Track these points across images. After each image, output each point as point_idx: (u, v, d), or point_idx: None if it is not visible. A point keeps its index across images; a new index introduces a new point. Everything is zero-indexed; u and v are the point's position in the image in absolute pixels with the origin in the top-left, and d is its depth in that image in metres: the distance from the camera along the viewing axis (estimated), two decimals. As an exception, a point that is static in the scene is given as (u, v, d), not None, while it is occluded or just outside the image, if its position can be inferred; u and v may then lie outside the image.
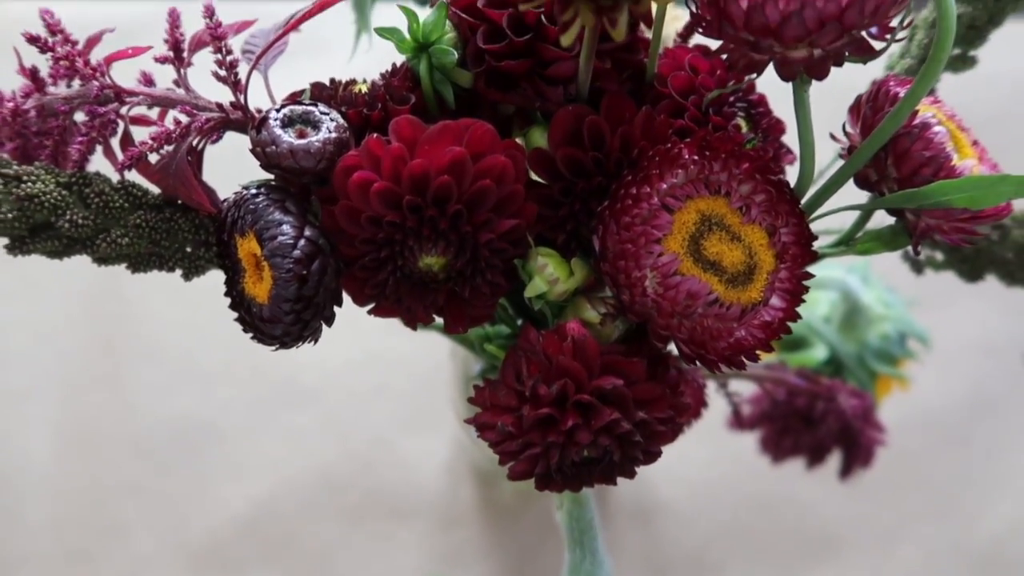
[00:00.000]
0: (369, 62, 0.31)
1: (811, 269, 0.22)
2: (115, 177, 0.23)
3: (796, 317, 0.22)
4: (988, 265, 0.27)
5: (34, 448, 0.54)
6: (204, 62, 0.25)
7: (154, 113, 0.25)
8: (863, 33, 0.18)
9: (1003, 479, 0.55)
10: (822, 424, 0.35)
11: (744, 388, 0.38)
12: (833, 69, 0.18)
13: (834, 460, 0.38)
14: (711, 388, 0.33)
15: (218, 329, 0.57)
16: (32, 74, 0.22)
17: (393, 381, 0.57)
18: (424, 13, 0.22)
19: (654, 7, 0.17)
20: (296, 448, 0.54)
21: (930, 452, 0.55)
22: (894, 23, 0.18)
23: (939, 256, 0.28)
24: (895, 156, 0.20)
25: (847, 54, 0.17)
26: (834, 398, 0.34)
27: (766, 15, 0.17)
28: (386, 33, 0.22)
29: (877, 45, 0.18)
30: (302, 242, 0.20)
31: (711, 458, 0.52)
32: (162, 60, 0.23)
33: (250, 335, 0.22)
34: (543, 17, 0.20)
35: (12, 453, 0.54)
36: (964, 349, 0.59)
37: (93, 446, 0.54)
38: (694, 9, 0.18)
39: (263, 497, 0.53)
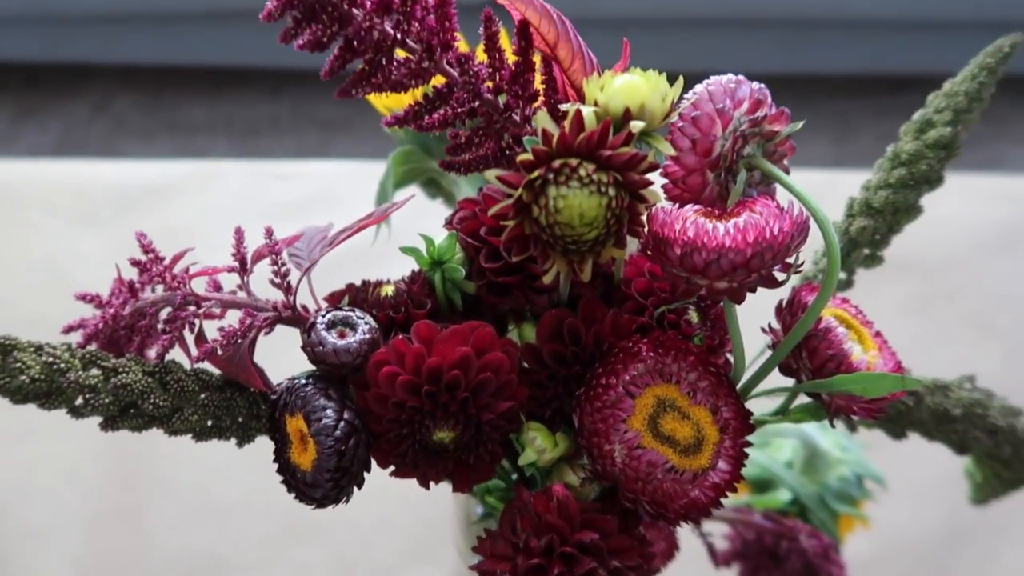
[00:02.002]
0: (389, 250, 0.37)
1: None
2: (173, 360, 0.29)
3: (740, 478, 0.27)
4: (909, 425, 0.32)
5: (58, 584, 0.57)
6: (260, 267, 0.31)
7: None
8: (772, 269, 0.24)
9: (978, 608, 0.58)
10: (787, 562, 0.39)
11: (718, 528, 0.43)
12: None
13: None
14: (687, 528, 0.37)
15: (232, 467, 0.62)
16: (130, 286, 0.28)
17: (397, 516, 0.61)
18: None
19: (615, 253, 0.23)
20: (305, 582, 0.57)
21: (908, 584, 0.58)
22: (793, 261, 0.24)
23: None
24: (807, 352, 0.26)
25: (758, 286, 0.23)
26: (796, 538, 0.39)
27: (694, 260, 0.23)
28: (409, 251, 0.28)
29: (781, 277, 0.24)
30: (342, 423, 0.25)
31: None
32: (230, 270, 0.29)
33: (293, 495, 0.27)
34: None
35: (37, 589, 0.57)
36: (937, 480, 0.63)
37: (114, 582, 0.58)
38: (647, 252, 0.24)
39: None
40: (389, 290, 0.29)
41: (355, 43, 0.21)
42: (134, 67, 1.41)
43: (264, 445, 0.59)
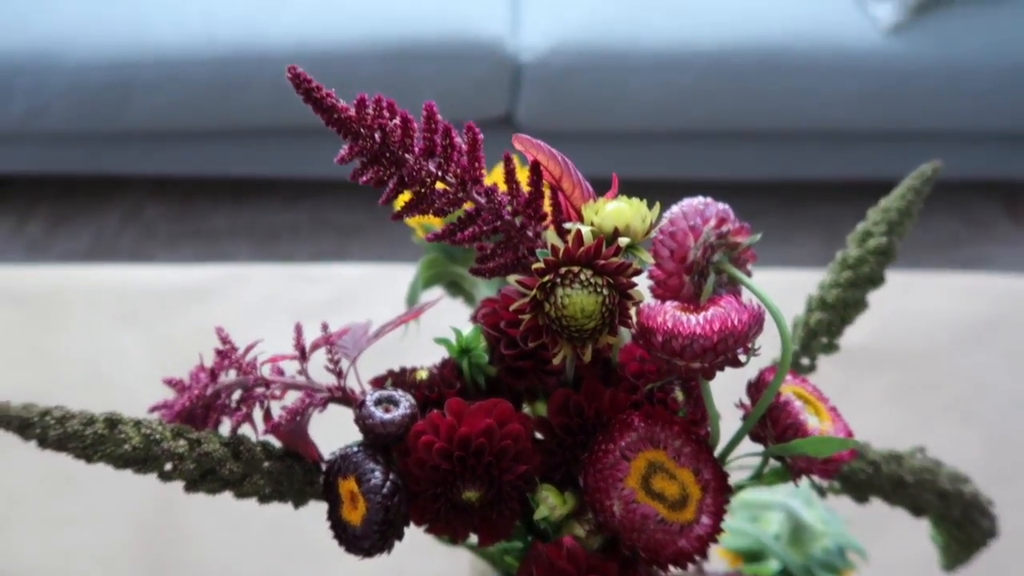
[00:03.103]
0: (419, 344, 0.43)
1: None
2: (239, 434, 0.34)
3: (721, 531, 0.32)
4: (870, 491, 0.37)
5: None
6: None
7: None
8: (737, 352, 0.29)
9: None
10: (776, 624, 0.43)
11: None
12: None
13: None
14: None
15: (258, 549, 0.66)
16: (212, 373, 0.34)
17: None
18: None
19: (612, 340, 0.29)
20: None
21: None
22: (752, 346, 0.30)
23: (836, 484, 0.38)
24: (771, 421, 0.32)
25: (725, 366, 0.29)
26: (783, 601, 0.43)
27: (673, 346, 0.29)
28: (442, 341, 0.34)
29: (743, 358, 0.30)
30: (388, 483, 0.31)
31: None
32: (291, 358, 0.35)
33: (344, 548, 0.32)
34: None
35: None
36: (916, 555, 0.67)
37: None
38: (636, 340, 0.30)
39: None
40: (423, 374, 0.35)
41: (406, 179, 0.28)
42: (164, 178, 1.51)
43: (291, 530, 0.64)
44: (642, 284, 0.31)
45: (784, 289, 0.80)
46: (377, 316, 0.79)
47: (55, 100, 1.15)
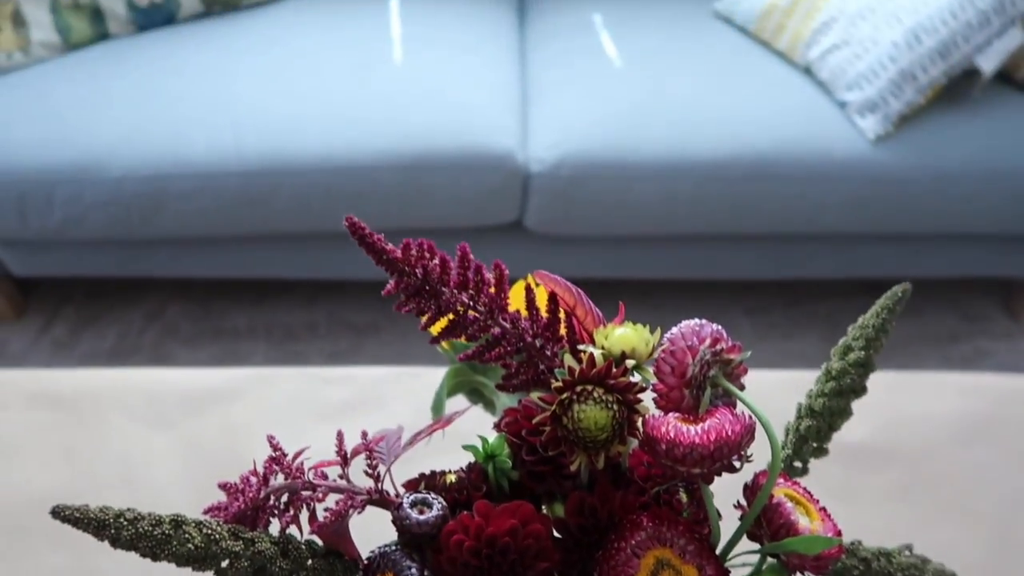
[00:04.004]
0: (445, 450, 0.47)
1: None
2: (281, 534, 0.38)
3: (724, 622, 0.35)
4: (863, 587, 0.40)
5: None
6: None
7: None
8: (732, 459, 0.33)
9: None
10: None
11: None
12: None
13: None
14: None
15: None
16: (264, 477, 0.38)
17: None
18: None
19: (621, 449, 0.33)
20: None
21: None
22: (745, 453, 0.34)
23: (832, 580, 0.41)
24: (766, 521, 0.35)
25: (722, 472, 0.33)
26: None
27: (675, 454, 0.33)
28: (470, 448, 0.38)
29: (737, 465, 0.34)
30: (423, 578, 0.34)
31: None
32: (334, 464, 0.39)
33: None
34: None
35: None
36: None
37: None
38: (643, 447, 0.34)
39: None
40: (452, 477, 0.39)
41: (443, 309, 0.33)
42: (187, 280, 1.58)
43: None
44: (647, 397, 0.35)
45: (784, 388, 0.84)
46: (397, 416, 0.83)
47: (92, 209, 1.22)
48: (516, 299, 0.38)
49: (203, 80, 1.27)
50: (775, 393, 0.78)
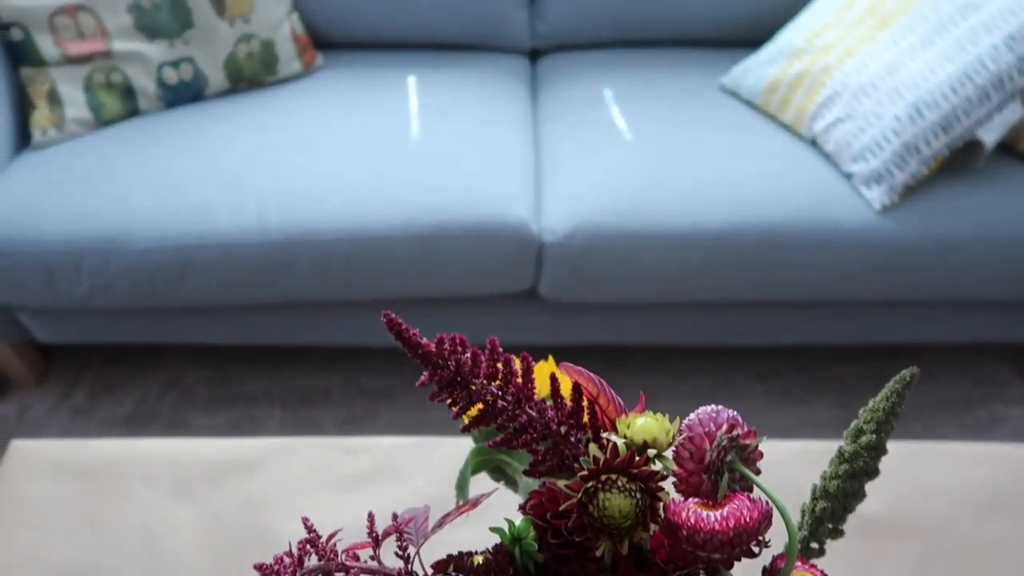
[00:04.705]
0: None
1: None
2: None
3: None
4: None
5: None
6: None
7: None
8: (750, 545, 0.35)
9: None
10: None
11: None
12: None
13: None
14: None
15: None
16: (298, 559, 0.40)
17: None
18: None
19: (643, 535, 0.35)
20: None
21: None
22: (763, 539, 0.35)
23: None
24: (785, 603, 0.36)
25: (741, 557, 0.35)
26: None
27: (695, 539, 0.34)
28: (496, 531, 0.40)
29: (756, 550, 0.35)
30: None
31: None
32: (364, 546, 0.41)
33: None
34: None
35: None
36: None
37: None
38: (665, 532, 0.36)
39: None
40: (479, 559, 0.40)
41: (473, 399, 0.35)
42: (205, 347, 1.60)
43: None
44: (667, 483, 0.36)
45: (800, 460, 0.85)
46: (417, 487, 0.85)
47: (118, 279, 1.26)
48: (541, 378, 0.40)
49: (228, 154, 1.32)
50: (791, 466, 0.79)
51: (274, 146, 1.34)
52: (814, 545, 0.42)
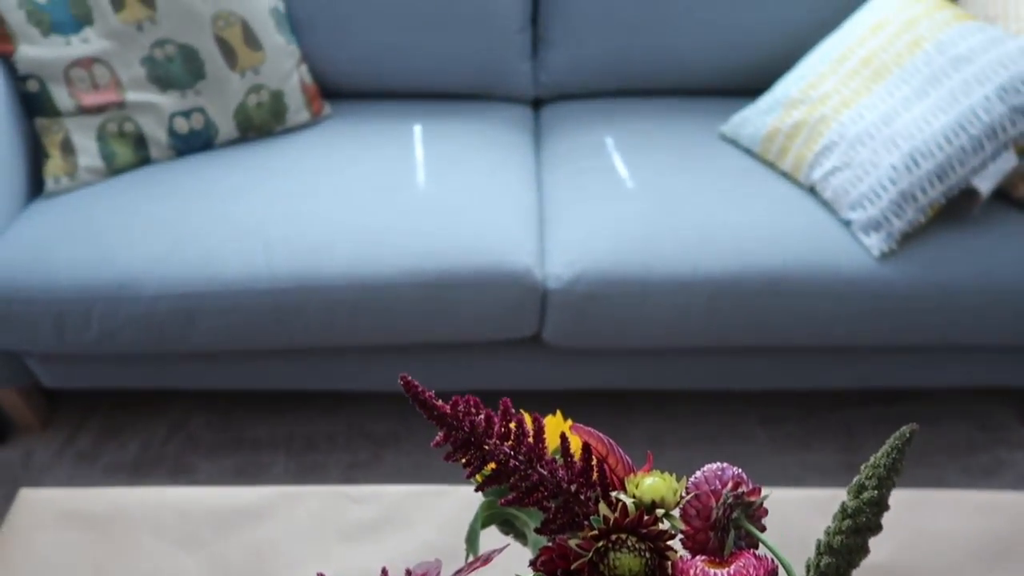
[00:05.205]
0: None
1: None
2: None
3: None
4: None
5: None
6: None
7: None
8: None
9: None
10: None
11: None
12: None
13: None
14: None
15: None
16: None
17: None
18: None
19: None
20: None
21: None
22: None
23: None
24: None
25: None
26: None
27: (704, 597, 0.35)
28: (507, 587, 0.41)
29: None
30: None
31: None
32: (379, 601, 0.42)
33: None
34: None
35: None
36: None
37: None
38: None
39: None
40: (491, 615, 0.41)
41: (486, 458, 0.36)
42: (211, 392, 1.61)
43: None
44: (675, 539, 0.38)
45: (804, 510, 0.86)
46: (424, 536, 0.85)
47: (126, 326, 1.27)
48: (551, 432, 0.41)
49: (237, 202, 1.35)
50: (797, 515, 0.80)
51: (282, 194, 1.36)
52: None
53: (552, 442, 0.40)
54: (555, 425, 0.44)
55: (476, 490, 0.37)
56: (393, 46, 1.56)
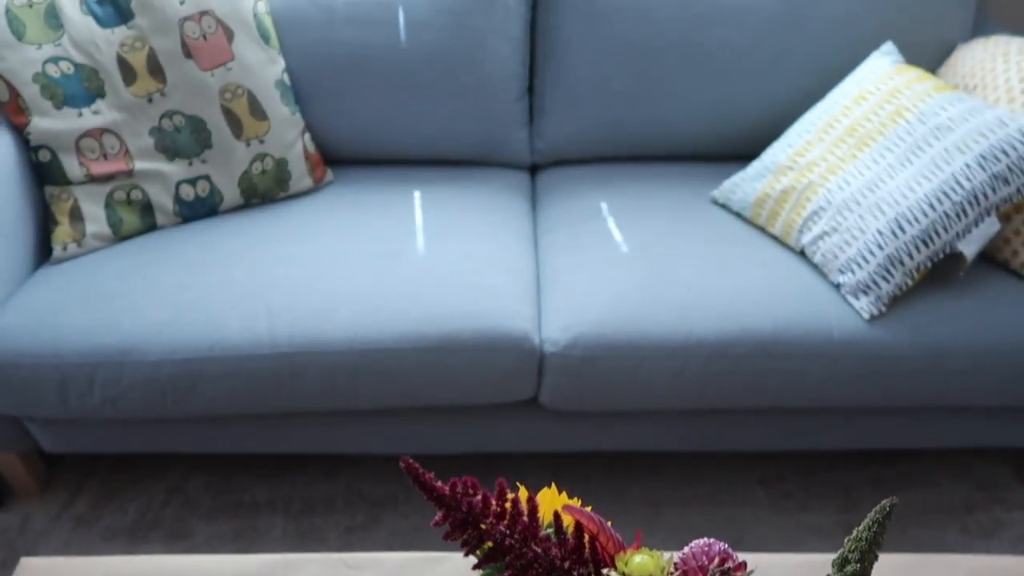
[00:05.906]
0: None
1: None
2: None
3: None
4: None
5: None
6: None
7: None
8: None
9: None
10: None
11: None
12: None
13: None
14: None
15: None
16: None
17: None
18: None
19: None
20: None
21: None
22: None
23: None
24: None
25: None
26: None
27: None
28: (503, 662, 0.42)
29: None
30: None
31: None
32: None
33: None
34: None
35: None
36: None
37: None
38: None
39: None
40: None
41: (484, 537, 0.38)
42: (209, 455, 1.62)
43: None
44: (665, 616, 0.39)
45: (802, 573, 0.86)
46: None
47: (129, 391, 1.29)
48: (544, 504, 0.43)
49: (240, 267, 1.38)
50: (790, 580, 0.80)
51: (284, 259, 1.40)
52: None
53: (547, 516, 0.42)
54: (550, 498, 0.46)
55: (474, 568, 0.39)
56: (393, 115, 1.61)
